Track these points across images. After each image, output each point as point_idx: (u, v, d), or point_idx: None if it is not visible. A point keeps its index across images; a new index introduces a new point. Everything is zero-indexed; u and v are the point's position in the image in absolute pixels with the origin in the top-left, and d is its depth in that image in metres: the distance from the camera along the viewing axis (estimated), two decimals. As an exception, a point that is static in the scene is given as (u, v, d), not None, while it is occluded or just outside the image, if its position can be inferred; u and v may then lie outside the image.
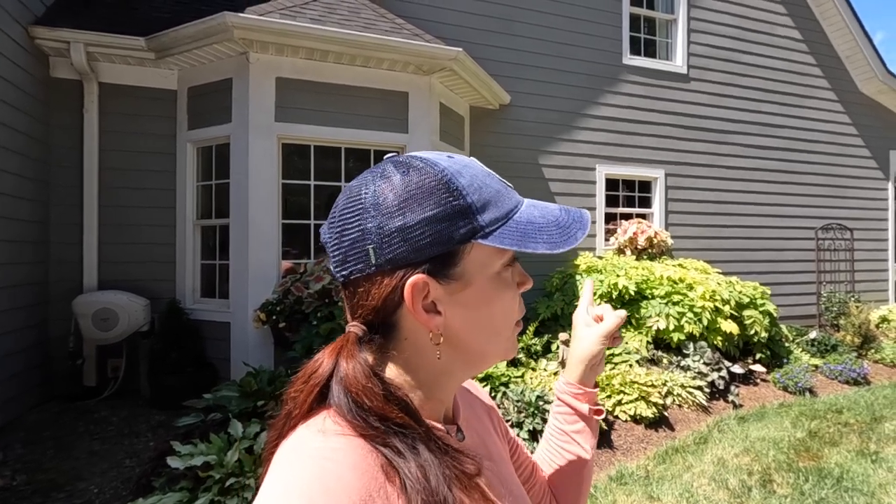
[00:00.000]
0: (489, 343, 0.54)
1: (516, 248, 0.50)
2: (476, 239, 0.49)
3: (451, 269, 0.50)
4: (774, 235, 6.96)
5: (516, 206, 0.53)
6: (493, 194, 0.52)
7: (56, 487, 2.75)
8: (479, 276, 0.51)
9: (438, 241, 0.48)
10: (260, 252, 3.99)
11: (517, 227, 0.51)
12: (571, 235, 0.53)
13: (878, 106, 7.69)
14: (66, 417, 3.69)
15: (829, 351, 5.50)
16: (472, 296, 0.51)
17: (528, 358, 4.25)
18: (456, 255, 0.50)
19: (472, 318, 0.52)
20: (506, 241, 0.50)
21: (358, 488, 0.42)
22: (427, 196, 0.49)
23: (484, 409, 0.73)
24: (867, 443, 3.55)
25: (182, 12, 4.40)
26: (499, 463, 0.64)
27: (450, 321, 0.51)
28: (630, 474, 3.05)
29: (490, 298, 0.52)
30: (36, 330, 3.91)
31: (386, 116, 4.38)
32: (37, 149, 3.93)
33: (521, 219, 0.52)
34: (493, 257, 0.52)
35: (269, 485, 0.43)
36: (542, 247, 0.51)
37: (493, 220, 0.50)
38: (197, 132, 4.28)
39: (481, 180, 0.52)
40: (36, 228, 3.93)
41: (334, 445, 0.45)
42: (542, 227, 0.52)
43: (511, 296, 0.55)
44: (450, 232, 0.49)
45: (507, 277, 0.54)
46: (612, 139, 6.08)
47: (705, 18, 6.61)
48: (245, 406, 2.80)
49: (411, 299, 0.48)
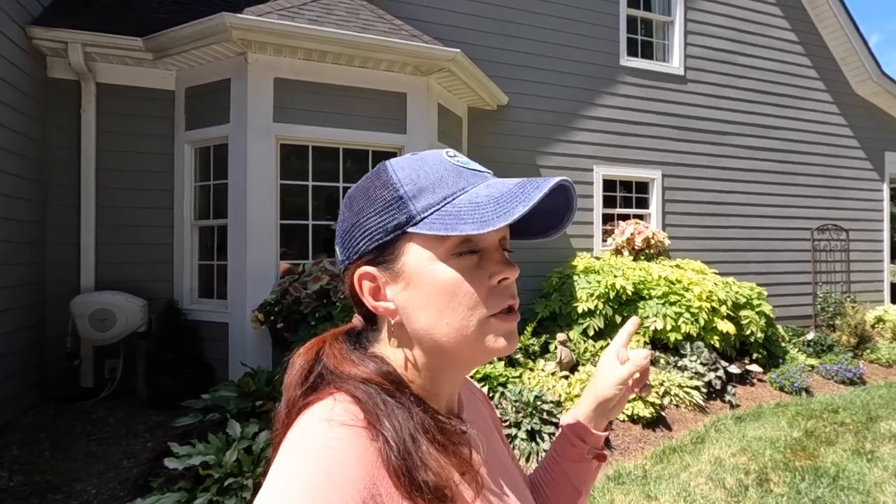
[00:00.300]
0: (443, 334, 0.52)
1: (442, 233, 0.48)
2: (408, 227, 0.50)
3: (391, 259, 0.52)
4: (771, 236, 6.99)
5: (460, 190, 0.51)
6: (433, 181, 0.51)
7: (53, 489, 2.74)
8: (419, 264, 0.51)
9: (375, 234, 0.52)
10: (258, 252, 3.99)
11: (452, 211, 0.49)
12: (508, 210, 0.47)
13: (873, 107, 7.74)
14: (62, 418, 3.68)
15: (825, 351, 5.53)
16: (413, 284, 0.51)
17: (526, 358, 4.26)
18: (393, 244, 0.52)
19: (415, 307, 0.52)
20: (434, 226, 0.49)
21: (362, 477, 0.43)
22: (367, 193, 0.53)
23: (487, 409, 0.74)
24: (863, 442, 3.57)
25: (179, 12, 4.40)
26: (503, 460, 0.65)
27: (400, 309, 0.53)
28: (628, 474, 3.06)
29: (432, 286, 0.51)
30: (33, 331, 3.89)
31: (384, 117, 4.39)
32: (34, 149, 3.92)
33: (460, 201, 0.50)
34: (433, 244, 0.51)
35: (274, 474, 0.43)
36: (469, 227, 0.47)
37: (426, 207, 0.50)
38: (195, 133, 4.27)
39: (423, 170, 0.52)
40: (33, 229, 3.92)
41: (338, 435, 0.46)
42: (478, 206, 0.48)
43: (472, 281, 0.51)
44: (384, 224, 0.51)
45: (464, 263, 0.51)
46: (610, 140, 6.10)
47: (702, 20, 6.64)
48: (243, 406, 2.80)
49: (360, 289, 0.54)
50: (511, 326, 0.54)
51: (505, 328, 0.53)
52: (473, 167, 0.54)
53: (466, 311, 0.51)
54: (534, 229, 0.58)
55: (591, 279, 4.89)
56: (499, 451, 0.66)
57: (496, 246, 0.54)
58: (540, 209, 0.53)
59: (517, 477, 0.65)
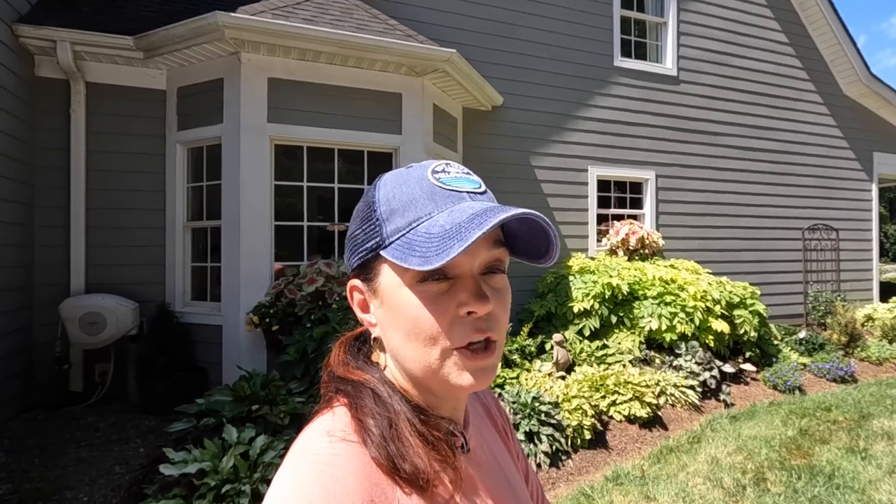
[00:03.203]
0: (405, 355, 0.51)
1: (397, 262, 0.47)
2: (380, 250, 0.50)
3: (370, 276, 0.53)
4: (763, 236, 7.06)
5: (429, 214, 0.49)
6: (404, 204, 0.50)
7: (43, 497, 2.68)
8: (390, 286, 0.51)
9: (360, 250, 0.53)
10: (252, 254, 3.94)
11: (411, 239, 0.48)
12: (445, 250, 0.44)
13: (861, 108, 7.84)
14: (52, 424, 3.61)
15: (816, 350, 5.59)
16: (387, 305, 0.52)
17: (523, 359, 4.25)
18: (371, 263, 0.53)
19: (388, 326, 0.52)
20: (395, 253, 0.48)
21: (360, 493, 0.44)
22: (360, 208, 0.55)
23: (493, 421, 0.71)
24: (856, 440, 3.60)
25: (171, 11, 4.33)
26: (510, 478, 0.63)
27: (380, 325, 0.54)
28: (626, 474, 3.06)
29: (399, 311, 0.50)
30: (20, 335, 3.81)
31: (379, 118, 4.36)
32: (21, 149, 3.84)
33: (420, 229, 0.48)
34: (400, 269, 0.49)
35: (275, 488, 0.45)
36: (415, 261, 0.45)
37: (394, 231, 0.49)
38: (187, 133, 4.21)
39: (401, 189, 0.51)
40: (19, 231, 3.83)
41: (337, 451, 0.46)
42: (430, 238, 0.46)
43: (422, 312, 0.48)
44: (363, 242, 0.53)
45: (430, 291, 0.49)
46: (604, 141, 6.12)
47: (695, 21, 6.69)
48: (239, 411, 2.75)
49: (350, 299, 0.57)
50: (479, 364, 0.49)
51: (471, 365, 0.49)
52: (453, 186, 0.51)
53: (427, 341, 0.49)
54: (530, 251, 0.54)
55: (587, 279, 4.90)
56: (505, 466, 0.64)
57: (471, 273, 0.50)
58: (519, 231, 0.52)
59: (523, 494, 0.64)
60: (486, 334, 0.50)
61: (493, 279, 0.52)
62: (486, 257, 0.51)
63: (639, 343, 4.54)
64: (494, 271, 0.52)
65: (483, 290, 0.50)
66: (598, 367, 4.16)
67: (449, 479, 0.49)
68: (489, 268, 0.52)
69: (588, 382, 3.82)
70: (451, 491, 0.49)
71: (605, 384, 3.83)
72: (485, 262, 0.51)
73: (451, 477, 0.49)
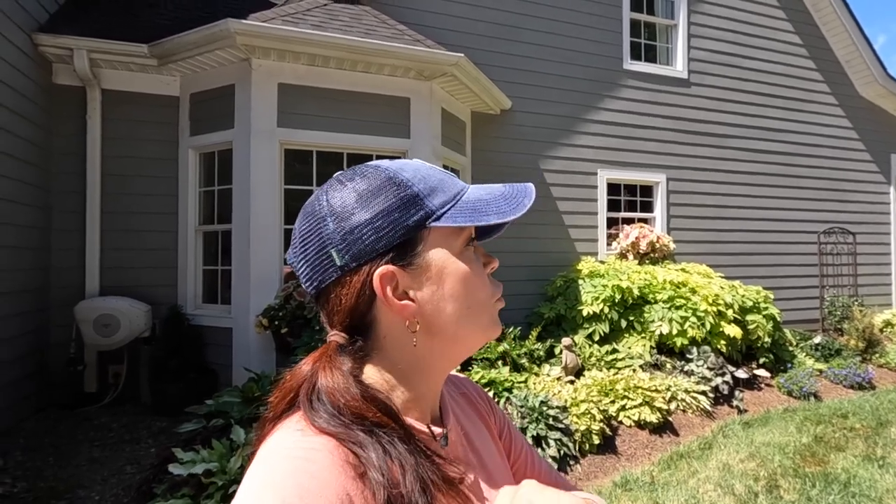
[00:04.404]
0: (463, 322, 0.54)
1: (470, 223, 0.52)
2: (430, 222, 0.52)
3: (413, 256, 0.52)
4: (777, 239, 6.95)
5: (462, 189, 0.56)
6: (438, 182, 0.55)
7: (56, 495, 2.73)
8: (442, 258, 0.53)
9: (395, 231, 0.51)
10: (262, 257, 3.98)
11: (467, 206, 0.54)
12: (519, 203, 0.55)
13: (878, 110, 7.70)
14: (66, 424, 3.67)
15: (833, 355, 5.47)
16: (438, 278, 0.53)
17: (531, 363, 4.22)
18: (415, 241, 0.52)
19: (443, 299, 0.53)
20: (459, 218, 0.53)
21: (334, 487, 0.42)
22: (376, 193, 0.52)
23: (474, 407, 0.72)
24: (873, 448, 3.52)
25: (184, 19, 4.42)
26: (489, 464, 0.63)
27: (422, 306, 0.53)
28: (635, 480, 3.03)
29: (456, 278, 0.54)
30: (36, 336, 3.89)
31: (387, 122, 4.39)
32: (38, 155, 3.94)
33: (469, 198, 0.55)
34: (450, 237, 0.54)
35: (245, 485, 0.43)
36: (494, 217, 0.53)
37: (443, 203, 0.53)
38: (199, 138, 4.29)
39: (424, 172, 0.56)
40: (37, 234, 3.93)
41: (311, 445, 0.45)
42: (489, 202, 0.54)
43: (478, 272, 0.56)
44: (404, 220, 0.51)
45: (470, 255, 0.56)
46: (614, 144, 6.09)
47: (705, 24, 6.63)
48: (247, 412, 2.78)
49: (382, 290, 0.51)
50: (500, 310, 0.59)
51: (497, 310, 0.59)
52: (448, 172, 0.59)
53: (483, 298, 0.56)
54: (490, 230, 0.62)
55: (596, 283, 4.87)
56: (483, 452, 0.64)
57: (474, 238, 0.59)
58: None
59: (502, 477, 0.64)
60: (501, 284, 0.60)
61: None
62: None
63: (649, 347, 4.49)
64: None
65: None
66: (607, 372, 4.12)
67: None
68: None
69: (597, 387, 3.78)
70: None
71: (614, 389, 3.79)
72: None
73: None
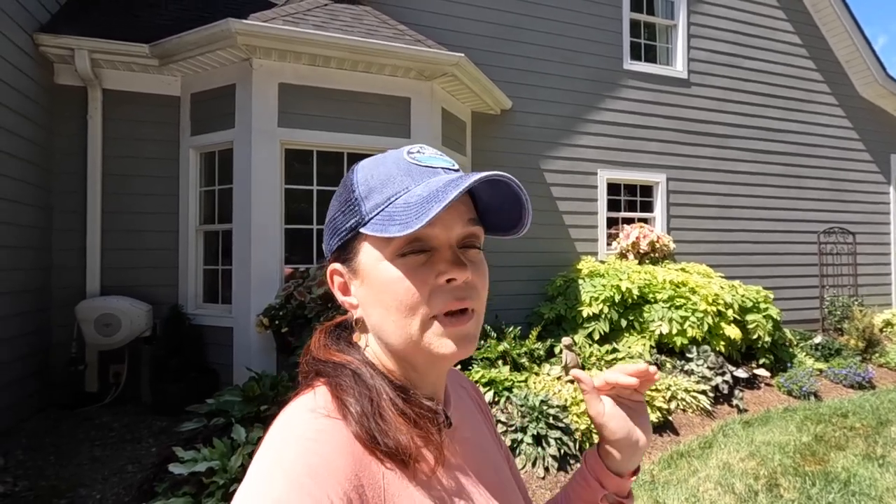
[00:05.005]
0: (391, 332, 0.52)
1: (377, 234, 0.49)
2: (360, 228, 0.52)
3: (350, 257, 0.55)
4: (777, 239, 6.95)
5: (406, 188, 0.51)
6: (381, 182, 0.51)
7: (58, 494, 2.73)
8: (369, 262, 0.52)
9: (336, 234, 0.55)
10: (263, 257, 3.99)
11: (389, 212, 0.49)
12: (424, 213, 0.46)
13: (878, 110, 7.70)
14: (67, 423, 3.68)
15: (833, 355, 5.48)
16: (367, 281, 0.53)
17: (531, 362, 4.23)
18: (351, 243, 0.54)
19: (370, 303, 0.53)
20: (375, 227, 0.50)
21: (343, 468, 0.43)
22: (337, 194, 0.56)
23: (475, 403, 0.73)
24: (874, 447, 3.52)
25: (185, 19, 4.43)
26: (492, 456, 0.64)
27: (361, 306, 0.55)
28: (636, 479, 3.03)
29: (379, 285, 0.51)
30: (37, 336, 3.90)
31: (388, 122, 4.40)
32: (40, 155, 3.95)
33: (399, 202, 0.50)
34: (381, 244, 0.51)
35: (256, 464, 0.44)
36: (395, 228, 0.47)
37: (373, 208, 0.51)
38: (200, 138, 4.29)
39: (378, 170, 0.53)
40: (38, 234, 3.93)
41: (320, 427, 0.46)
42: (409, 206, 0.48)
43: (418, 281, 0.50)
44: (342, 224, 0.54)
45: (411, 263, 0.50)
46: (614, 144, 6.10)
47: (705, 24, 6.64)
48: (248, 411, 2.78)
49: (331, 284, 0.58)
50: (460, 330, 0.51)
51: (452, 332, 0.51)
52: (428, 164, 0.53)
53: (407, 311, 0.50)
54: (504, 225, 0.56)
55: (596, 283, 4.87)
56: (486, 446, 0.65)
57: (448, 245, 0.52)
58: (491, 205, 0.55)
59: (504, 473, 0.64)
60: (465, 303, 0.51)
61: (468, 253, 0.54)
62: (462, 232, 0.53)
63: (649, 347, 4.50)
64: (470, 247, 0.54)
65: (461, 259, 0.52)
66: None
67: (432, 454, 0.50)
68: (465, 243, 0.54)
69: (597, 386, 3.78)
70: (433, 466, 0.50)
71: (614, 388, 3.78)
72: (461, 236, 0.53)
73: (434, 453, 0.50)
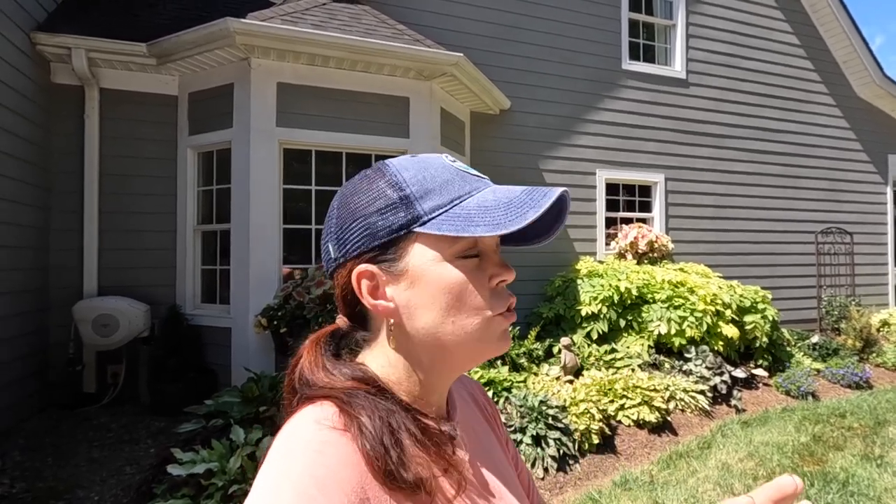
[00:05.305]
0: (448, 332, 0.52)
1: (453, 234, 0.49)
2: (415, 227, 0.50)
3: (394, 258, 0.52)
4: (774, 239, 6.97)
5: (467, 193, 0.52)
6: (440, 184, 0.52)
7: (55, 495, 2.72)
8: (424, 264, 0.51)
9: (380, 232, 0.51)
10: (261, 257, 3.98)
11: (461, 213, 0.50)
12: (520, 215, 0.48)
13: (875, 110, 7.73)
14: (65, 424, 3.66)
15: (830, 355, 5.49)
16: (417, 283, 0.52)
17: (530, 363, 4.23)
18: (398, 243, 0.52)
19: (420, 305, 0.52)
20: (444, 227, 0.50)
21: (350, 480, 0.43)
22: (368, 191, 0.53)
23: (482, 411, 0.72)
24: (871, 447, 3.53)
25: (183, 18, 4.41)
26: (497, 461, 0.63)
27: (399, 309, 0.52)
28: (634, 480, 3.03)
29: (438, 286, 0.51)
30: (35, 336, 3.88)
31: (387, 121, 4.39)
32: (37, 154, 3.93)
33: (469, 204, 0.51)
34: (439, 244, 0.51)
35: (263, 475, 0.43)
36: (481, 230, 0.48)
37: (435, 208, 0.51)
38: (198, 137, 4.28)
39: (429, 172, 0.53)
40: (36, 234, 3.91)
41: (326, 438, 0.46)
42: (488, 210, 0.49)
43: (476, 282, 0.52)
44: (389, 222, 0.51)
45: (469, 264, 0.52)
46: (613, 144, 6.10)
47: (704, 24, 6.65)
48: (247, 412, 2.78)
49: (358, 287, 0.53)
50: (508, 325, 0.56)
51: (504, 327, 0.55)
52: (474, 172, 0.55)
53: (472, 311, 0.52)
54: (524, 236, 0.59)
55: (595, 283, 4.87)
56: (492, 452, 0.64)
57: (494, 249, 0.55)
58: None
59: (511, 478, 0.64)
60: (513, 298, 0.56)
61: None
62: (498, 238, 0.57)
63: (648, 347, 4.50)
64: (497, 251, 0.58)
65: (505, 262, 0.55)
66: (606, 371, 4.13)
67: (453, 482, 0.49)
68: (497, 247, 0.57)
69: (596, 386, 3.79)
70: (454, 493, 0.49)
71: (613, 388, 3.79)
72: (498, 241, 0.57)
73: (457, 480, 0.49)
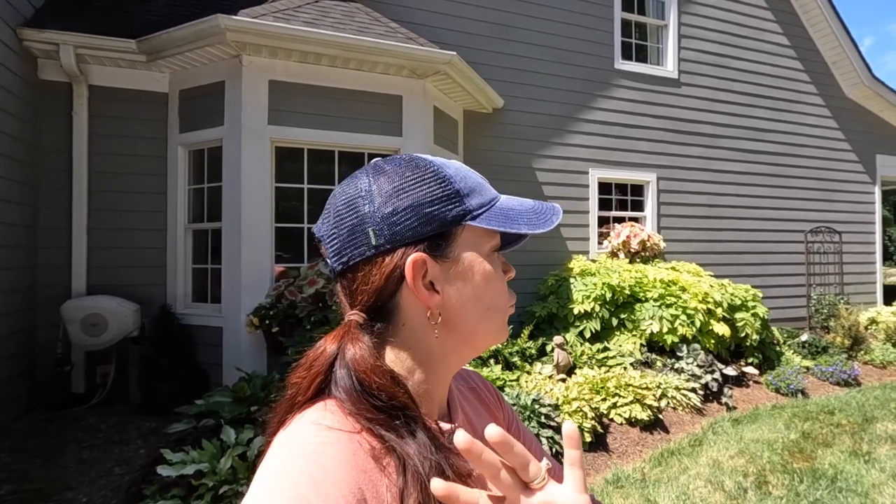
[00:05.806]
0: (481, 322, 0.56)
1: (502, 228, 0.55)
2: (466, 220, 0.54)
3: (446, 249, 0.54)
4: (765, 238, 7.03)
5: (497, 196, 0.59)
6: (477, 184, 0.57)
7: (44, 497, 2.69)
8: (471, 257, 0.55)
9: (434, 222, 0.53)
10: (253, 256, 3.95)
11: (501, 212, 0.56)
12: (547, 219, 0.58)
13: (864, 111, 7.82)
14: (53, 425, 3.62)
15: (819, 353, 5.55)
16: (467, 275, 0.55)
17: (523, 361, 4.24)
18: (450, 235, 0.54)
19: (466, 296, 0.55)
20: (493, 222, 0.55)
21: (347, 482, 0.43)
22: (420, 182, 0.53)
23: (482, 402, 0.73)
24: (860, 443, 3.58)
25: (173, 14, 4.36)
26: None
27: (446, 299, 0.54)
28: (626, 477, 3.05)
29: (482, 278, 0.56)
30: (23, 336, 3.83)
31: (380, 120, 4.37)
32: (24, 152, 3.87)
33: (503, 206, 0.58)
34: (482, 239, 0.56)
35: (260, 477, 0.43)
36: (524, 227, 0.56)
37: (480, 205, 0.55)
38: (189, 135, 4.24)
39: (464, 172, 0.58)
40: (23, 233, 3.86)
41: (325, 440, 0.46)
42: (521, 213, 0.57)
43: (500, 278, 0.58)
44: (443, 214, 0.53)
45: (495, 260, 0.58)
46: (605, 143, 6.12)
47: (696, 24, 6.69)
48: (238, 412, 2.76)
49: (412, 276, 0.52)
50: None
51: (507, 316, 0.61)
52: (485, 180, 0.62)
53: (501, 303, 0.58)
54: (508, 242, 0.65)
55: (588, 281, 4.89)
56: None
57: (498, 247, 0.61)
58: None
59: None
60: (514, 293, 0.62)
61: None
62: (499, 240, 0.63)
63: (640, 345, 4.53)
64: None
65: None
66: (598, 370, 4.15)
67: None
68: None
69: (588, 385, 3.81)
70: None
71: (605, 387, 3.81)
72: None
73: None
